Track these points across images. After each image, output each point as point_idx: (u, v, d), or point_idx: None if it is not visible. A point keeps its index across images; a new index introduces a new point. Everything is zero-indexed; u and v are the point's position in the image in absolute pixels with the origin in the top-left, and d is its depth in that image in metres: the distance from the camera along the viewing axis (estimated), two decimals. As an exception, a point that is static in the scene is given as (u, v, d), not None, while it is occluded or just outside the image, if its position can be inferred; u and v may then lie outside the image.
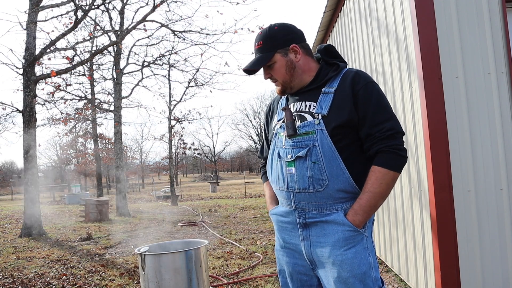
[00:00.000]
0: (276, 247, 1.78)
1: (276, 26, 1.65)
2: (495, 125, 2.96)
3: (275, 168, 1.68)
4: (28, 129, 8.76)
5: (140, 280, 3.77)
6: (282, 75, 1.65)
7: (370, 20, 4.33)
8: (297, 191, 1.58)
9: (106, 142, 24.90)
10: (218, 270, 4.89)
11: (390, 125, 1.53)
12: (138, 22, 9.90)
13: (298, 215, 1.61)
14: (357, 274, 1.51)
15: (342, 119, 1.53)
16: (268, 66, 1.65)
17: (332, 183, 1.53)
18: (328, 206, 1.56)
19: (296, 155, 1.57)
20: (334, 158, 1.53)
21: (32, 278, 4.98)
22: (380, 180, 1.50)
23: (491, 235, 2.92)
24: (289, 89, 1.68)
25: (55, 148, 40.36)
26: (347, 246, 1.53)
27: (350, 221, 1.52)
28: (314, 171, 1.54)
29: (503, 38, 3.00)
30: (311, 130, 1.56)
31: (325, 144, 1.53)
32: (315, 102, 1.60)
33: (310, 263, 1.63)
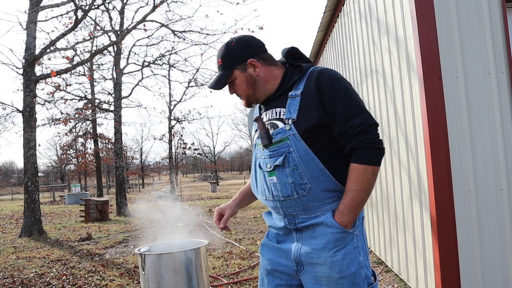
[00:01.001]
0: (262, 242, 1.78)
1: (233, 42, 1.66)
2: (495, 125, 2.96)
3: (259, 180, 1.68)
4: (28, 129, 8.76)
5: (140, 280, 3.77)
6: (244, 90, 1.65)
7: (370, 20, 4.33)
8: (283, 199, 1.58)
9: (106, 142, 24.90)
10: (218, 270, 4.89)
11: (361, 119, 1.50)
12: (138, 22, 9.89)
13: (288, 222, 1.61)
14: (347, 275, 1.52)
15: (312, 121, 1.52)
16: (230, 82, 1.66)
17: (314, 186, 1.53)
18: (315, 208, 1.56)
19: (274, 164, 1.57)
20: (311, 160, 1.52)
21: (32, 278, 4.98)
22: (360, 177, 1.49)
23: (491, 235, 2.92)
24: (254, 102, 1.68)
25: (55, 148, 40.39)
26: (336, 248, 1.53)
27: (338, 222, 1.52)
28: (294, 177, 1.54)
29: (503, 38, 3.00)
30: (284, 136, 1.55)
31: (300, 148, 1.53)
32: (284, 107, 1.59)
33: (296, 264, 1.62)
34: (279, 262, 1.67)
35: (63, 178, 42.86)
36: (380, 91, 4.14)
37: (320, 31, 7.28)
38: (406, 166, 3.55)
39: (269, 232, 1.76)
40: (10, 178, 52.43)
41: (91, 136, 22.45)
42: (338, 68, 6.49)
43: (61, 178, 43.69)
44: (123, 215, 12.15)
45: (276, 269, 1.67)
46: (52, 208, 16.67)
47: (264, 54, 1.67)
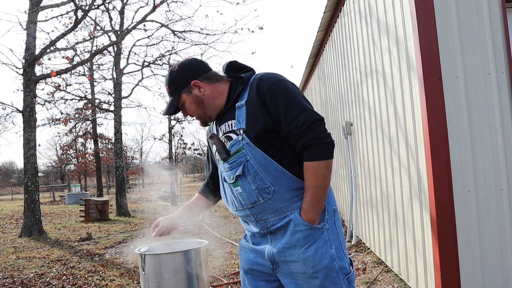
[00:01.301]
0: (240, 243, 1.85)
1: (176, 68, 1.74)
2: (495, 125, 2.96)
3: (228, 193, 1.72)
4: (28, 129, 8.76)
5: (140, 280, 3.77)
6: (194, 111, 1.72)
7: (370, 20, 4.33)
8: (251, 206, 1.63)
9: (106, 142, 24.90)
10: (218, 270, 4.89)
11: (304, 117, 1.53)
12: (138, 22, 9.89)
13: (261, 227, 1.66)
14: (320, 269, 1.57)
15: (259, 126, 1.57)
16: (181, 106, 1.74)
17: (277, 187, 1.58)
18: (284, 209, 1.60)
19: (235, 175, 1.62)
20: (269, 164, 1.57)
21: (32, 278, 4.98)
22: (314, 173, 1.53)
23: (491, 235, 2.92)
24: (208, 119, 1.75)
25: (55, 148, 40.37)
26: (307, 244, 1.58)
27: (305, 220, 1.57)
28: (257, 183, 1.59)
29: (503, 38, 3.00)
30: (239, 147, 1.61)
31: (256, 155, 1.58)
32: (235, 119, 1.65)
33: (271, 263, 1.67)
34: (255, 261, 1.72)
35: (63, 178, 42.87)
36: (380, 91, 4.14)
37: (320, 31, 7.28)
38: (406, 166, 3.55)
39: (246, 234, 1.83)
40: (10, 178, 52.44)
41: (91, 136, 22.46)
42: (338, 68, 6.49)
43: (61, 178, 43.69)
44: (123, 215, 12.15)
45: (254, 269, 1.73)
46: (52, 208, 16.66)
47: (207, 73, 1.74)
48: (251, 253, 1.75)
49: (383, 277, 4.09)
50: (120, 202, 12.54)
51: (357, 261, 4.80)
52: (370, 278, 4.10)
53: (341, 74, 6.25)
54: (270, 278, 1.72)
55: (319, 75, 8.96)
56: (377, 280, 4.02)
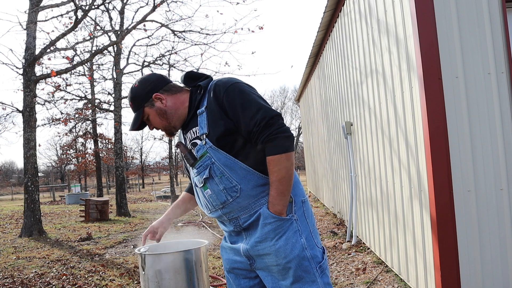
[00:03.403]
0: (221, 244, 1.92)
1: (136, 84, 1.80)
2: (495, 125, 2.96)
3: (200, 197, 1.79)
4: (28, 129, 8.76)
5: (140, 280, 3.77)
6: (159, 123, 1.78)
7: (370, 20, 4.33)
8: (221, 206, 1.70)
9: (106, 142, 24.91)
10: (218, 270, 4.89)
11: (261, 115, 1.59)
12: (138, 22, 9.89)
13: (234, 225, 1.73)
14: (292, 259, 1.63)
15: (220, 129, 1.64)
16: (147, 120, 1.80)
17: (244, 185, 1.65)
18: (252, 205, 1.67)
19: (203, 178, 1.69)
20: (234, 164, 1.64)
21: (32, 278, 4.98)
22: (277, 167, 1.59)
23: (491, 235, 2.92)
24: (174, 130, 1.81)
25: (55, 148, 40.36)
26: (277, 236, 1.64)
27: (272, 212, 1.63)
28: (224, 183, 1.65)
29: (503, 38, 3.00)
30: (204, 151, 1.68)
31: (220, 157, 1.65)
32: (197, 126, 1.72)
33: (247, 259, 1.73)
34: (235, 260, 1.79)
35: (63, 178, 42.87)
36: (380, 91, 4.14)
37: (320, 31, 7.28)
38: (406, 166, 3.55)
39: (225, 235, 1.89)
40: (10, 178, 52.43)
41: (91, 136, 22.46)
42: (338, 68, 6.49)
43: (61, 178, 43.69)
44: (123, 215, 12.15)
45: (234, 267, 1.80)
46: (52, 208, 16.66)
47: (167, 85, 1.80)
48: (230, 253, 1.81)
49: (383, 277, 4.09)
50: (120, 202, 12.54)
51: (357, 261, 4.80)
52: (370, 278, 4.10)
53: (341, 74, 6.25)
54: (250, 275, 1.78)
55: (319, 75, 8.96)
56: (377, 280, 4.02)
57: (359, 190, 5.64)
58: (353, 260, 4.85)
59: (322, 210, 9.73)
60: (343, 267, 4.64)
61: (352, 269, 4.47)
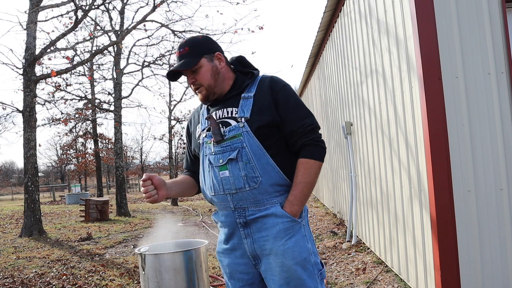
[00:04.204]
0: (217, 249, 1.85)
1: (200, 36, 1.81)
2: (495, 125, 2.96)
3: (208, 176, 1.76)
4: (28, 129, 8.76)
5: (140, 280, 3.77)
6: (207, 79, 1.74)
7: (370, 20, 4.33)
8: (234, 191, 1.68)
9: (106, 142, 24.91)
10: (218, 270, 4.89)
11: (310, 120, 1.70)
12: (138, 22, 9.89)
13: (238, 215, 1.70)
14: (299, 261, 1.64)
15: (266, 120, 1.67)
16: (192, 71, 1.74)
17: (265, 179, 1.65)
18: (265, 201, 1.67)
19: (228, 158, 1.67)
20: (263, 155, 1.65)
21: (32, 278, 4.98)
22: (309, 170, 1.66)
23: (491, 235, 2.92)
24: (212, 95, 1.77)
25: (55, 148, 40.35)
26: (287, 236, 1.65)
27: (288, 212, 1.65)
28: (247, 170, 1.65)
29: (503, 38, 3.00)
30: (238, 133, 1.68)
31: (253, 144, 1.66)
32: (236, 107, 1.72)
33: (253, 259, 1.72)
34: (236, 262, 1.76)
35: (63, 178, 42.86)
36: (380, 91, 4.15)
37: (320, 31, 7.28)
38: (406, 166, 3.55)
39: (220, 237, 1.84)
40: (10, 178, 52.44)
41: (91, 136, 22.46)
42: (338, 68, 6.49)
43: (61, 178, 43.69)
44: (123, 215, 12.15)
45: (236, 270, 1.76)
46: (52, 208, 16.66)
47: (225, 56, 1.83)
48: (228, 256, 1.78)
49: (383, 277, 4.09)
50: (120, 202, 12.54)
51: (357, 261, 4.80)
52: (370, 278, 4.10)
53: (341, 74, 6.25)
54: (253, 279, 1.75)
55: (319, 75, 8.96)
56: (377, 280, 4.02)
57: (359, 190, 5.64)
58: (353, 260, 4.85)
59: (322, 210, 9.73)
60: (343, 267, 4.64)
61: (352, 269, 4.47)
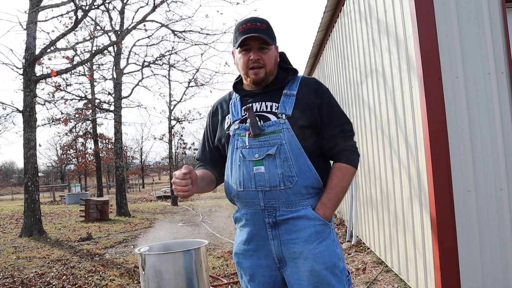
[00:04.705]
0: (235, 251, 1.76)
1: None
2: (495, 125, 2.96)
3: (238, 170, 1.67)
4: (28, 129, 8.76)
5: (140, 280, 3.77)
6: (271, 63, 1.70)
7: (370, 20, 4.33)
8: (267, 189, 1.61)
9: (106, 142, 24.91)
10: (218, 270, 4.89)
11: (349, 127, 1.71)
12: (138, 22, 9.89)
13: (268, 215, 1.63)
14: (329, 266, 1.59)
15: (307, 120, 1.64)
16: (261, 49, 1.68)
17: (300, 180, 1.60)
18: (297, 202, 1.61)
19: (266, 153, 1.61)
20: (301, 155, 1.61)
21: (32, 278, 4.98)
22: (345, 175, 1.65)
23: (491, 235, 2.92)
24: (265, 81, 1.72)
25: (55, 148, 40.35)
26: (318, 240, 1.61)
27: (321, 215, 1.62)
28: (284, 169, 1.60)
29: (503, 38, 3.00)
30: (278, 129, 1.63)
31: (292, 142, 1.61)
32: (277, 103, 1.68)
33: (278, 262, 1.65)
34: (259, 264, 1.67)
35: (63, 178, 42.86)
36: (380, 91, 4.14)
37: (320, 31, 7.28)
38: (406, 166, 3.55)
39: (240, 238, 1.74)
40: (10, 178, 52.44)
41: (91, 136, 22.46)
42: (338, 68, 6.49)
43: (61, 178, 43.68)
44: (123, 215, 12.15)
45: (258, 272, 1.68)
46: (52, 208, 16.67)
47: None
48: (250, 258, 1.69)
49: (383, 277, 4.09)
50: (120, 202, 12.55)
51: (357, 261, 4.80)
52: (370, 278, 4.10)
53: (341, 74, 6.25)
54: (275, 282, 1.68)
55: (319, 75, 8.96)
56: (377, 280, 4.02)
57: (359, 190, 5.64)
58: (353, 260, 4.85)
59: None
60: (343, 267, 4.64)
61: (352, 269, 4.47)
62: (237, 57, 1.73)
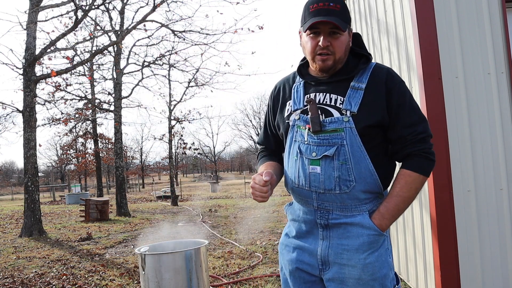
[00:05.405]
0: (282, 241, 1.67)
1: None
2: (495, 125, 2.96)
3: (294, 165, 1.56)
4: (28, 129, 8.76)
5: (140, 280, 3.77)
6: (341, 50, 1.49)
7: (370, 20, 4.33)
8: (322, 191, 1.49)
9: (106, 142, 24.91)
10: (218, 270, 4.89)
11: (422, 128, 1.48)
12: (138, 22, 9.89)
13: (320, 216, 1.52)
14: (378, 277, 1.48)
15: (375, 119, 1.46)
16: (332, 33, 1.46)
17: (359, 185, 1.46)
18: (353, 207, 1.48)
19: (323, 154, 1.47)
20: (363, 158, 1.46)
21: (32, 278, 4.98)
22: (410, 184, 1.46)
23: (491, 235, 2.92)
24: (333, 70, 1.52)
25: (55, 148, 40.39)
26: (370, 250, 1.48)
27: (377, 225, 1.47)
28: (341, 172, 1.46)
29: (503, 38, 3.00)
30: (339, 127, 1.46)
31: (354, 144, 1.45)
32: (342, 96, 1.49)
33: (321, 263, 1.54)
34: (301, 260, 1.58)
35: (63, 178, 42.88)
36: (380, 91, 4.14)
37: (320, 31, 7.28)
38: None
39: (289, 229, 1.66)
40: (10, 178, 52.46)
41: (91, 136, 22.47)
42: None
43: (61, 178, 43.70)
44: (123, 215, 12.16)
45: (299, 268, 1.58)
46: (52, 208, 16.67)
47: None
48: (294, 251, 1.59)
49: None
50: (120, 202, 12.55)
51: (357, 261, 4.81)
52: (370, 278, 4.10)
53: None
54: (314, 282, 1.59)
55: (319, 75, 8.95)
56: (377, 280, 4.02)
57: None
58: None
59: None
60: (343, 267, 4.64)
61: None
62: (304, 40, 1.52)
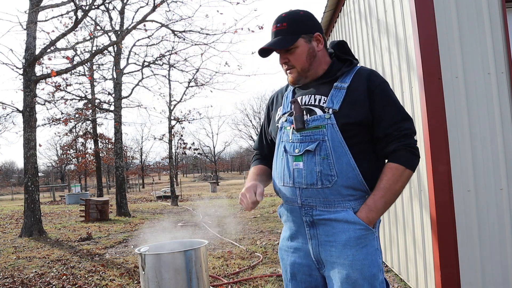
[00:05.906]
0: (280, 246, 1.71)
1: (302, 12, 1.61)
2: (495, 125, 2.96)
3: (280, 163, 1.62)
4: (28, 129, 8.76)
5: (140, 280, 3.77)
6: (301, 62, 1.59)
7: (370, 20, 4.33)
8: (304, 186, 1.53)
9: (106, 142, 24.90)
10: (218, 270, 4.89)
11: (408, 125, 1.54)
12: (138, 22, 9.89)
13: (305, 213, 1.55)
14: (367, 276, 1.47)
15: (356, 116, 1.51)
16: (287, 50, 1.58)
17: (340, 180, 1.49)
18: (336, 203, 1.51)
19: (305, 149, 1.53)
20: (344, 154, 1.50)
21: (32, 278, 4.98)
22: (396, 177, 1.49)
23: (491, 235, 2.92)
24: (303, 79, 1.62)
25: (55, 148, 40.39)
26: (358, 246, 1.49)
27: (363, 218, 1.48)
28: (323, 166, 1.50)
29: (503, 38, 3.00)
30: (321, 124, 1.52)
31: (336, 139, 1.50)
32: (326, 96, 1.56)
33: (317, 263, 1.57)
34: (299, 263, 1.61)
35: (63, 178, 42.87)
36: (380, 91, 4.14)
37: (320, 31, 7.27)
38: (406, 166, 3.54)
39: (284, 232, 1.70)
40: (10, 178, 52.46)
41: (91, 136, 22.46)
42: (338, 68, 6.48)
43: (61, 178, 43.70)
44: (123, 215, 12.16)
45: (299, 271, 1.61)
46: (52, 208, 16.67)
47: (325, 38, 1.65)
48: (292, 255, 1.64)
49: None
50: (120, 202, 12.55)
51: (357, 261, 4.80)
52: (370, 278, 4.10)
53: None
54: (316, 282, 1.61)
55: (319, 75, 8.95)
56: (377, 280, 4.02)
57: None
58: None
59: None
60: (343, 267, 4.64)
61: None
62: None
